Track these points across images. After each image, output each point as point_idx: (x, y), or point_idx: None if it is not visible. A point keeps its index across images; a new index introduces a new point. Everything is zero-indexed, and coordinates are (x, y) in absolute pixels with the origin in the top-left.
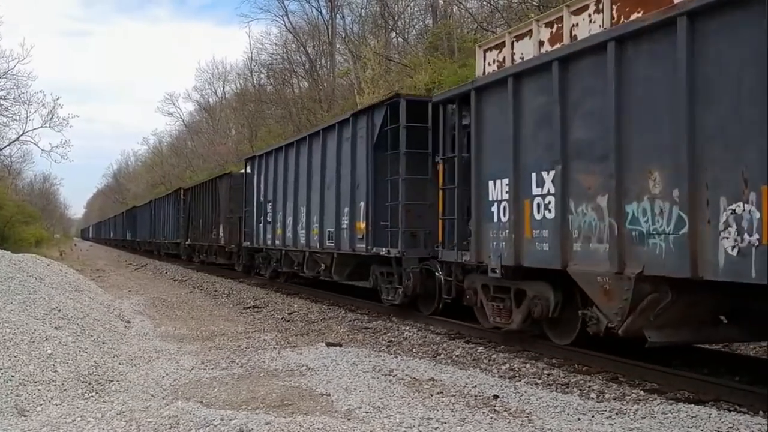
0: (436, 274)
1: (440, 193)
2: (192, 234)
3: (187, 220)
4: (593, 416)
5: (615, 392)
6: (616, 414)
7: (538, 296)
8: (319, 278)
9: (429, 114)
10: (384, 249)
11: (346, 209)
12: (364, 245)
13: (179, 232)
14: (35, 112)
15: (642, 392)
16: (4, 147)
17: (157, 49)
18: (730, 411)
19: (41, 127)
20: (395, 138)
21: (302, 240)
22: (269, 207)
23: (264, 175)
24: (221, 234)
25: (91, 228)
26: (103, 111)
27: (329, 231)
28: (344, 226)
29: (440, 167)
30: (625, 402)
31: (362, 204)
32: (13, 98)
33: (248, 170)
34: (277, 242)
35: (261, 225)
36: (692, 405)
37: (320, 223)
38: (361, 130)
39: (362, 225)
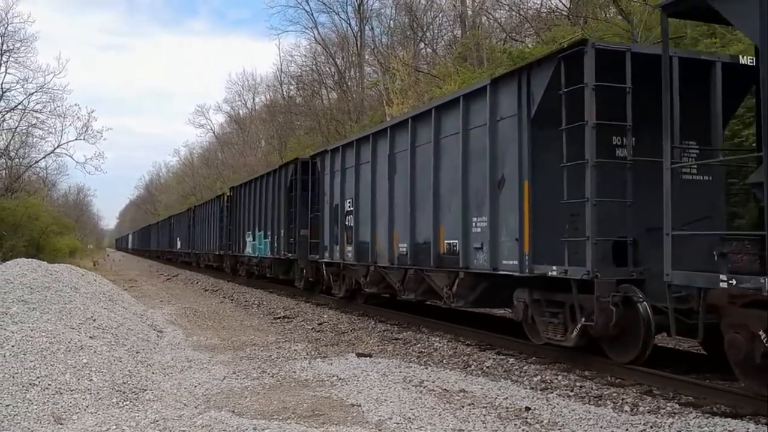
0: (639, 305)
1: None
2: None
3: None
4: (627, 429)
5: (649, 405)
6: (651, 427)
7: None
8: (427, 302)
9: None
10: (558, 268)
11: (481, 213)
12: (516, 262)
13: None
14: (70, 125)
15: (677, 405)
16: (40, 159)
17: (192, 61)
18: None
19: (76, 139)
20: (574, 106)
21: (400, 254)
22: (349, 213)
23: (340, 173)
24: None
25: (132, 236)
26: (137, 123)
27: (449, 243)
28: (477, 235)
29: None
30: (659, 415)
31: (513, 204)
32: (49, 111)
33: (316, 169)
34: (360, 256)
35: (335, 235)
36: (729, 419)
37: (434, 232)
38: (507, 100)
39: (512, 234)
